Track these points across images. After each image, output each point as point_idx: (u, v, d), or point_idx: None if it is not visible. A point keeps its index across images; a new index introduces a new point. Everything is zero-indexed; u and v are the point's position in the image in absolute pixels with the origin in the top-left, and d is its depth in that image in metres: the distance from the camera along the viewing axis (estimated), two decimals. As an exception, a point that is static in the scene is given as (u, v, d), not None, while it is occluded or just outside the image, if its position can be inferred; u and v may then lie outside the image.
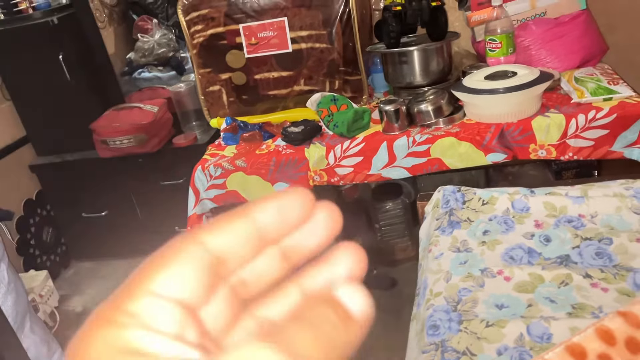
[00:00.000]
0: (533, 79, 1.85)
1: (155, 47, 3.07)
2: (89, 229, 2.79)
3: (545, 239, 1.11)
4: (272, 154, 2.13)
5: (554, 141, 1.87)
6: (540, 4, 2.20)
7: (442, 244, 1.16)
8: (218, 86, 2.40)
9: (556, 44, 2.14)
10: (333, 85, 2.33)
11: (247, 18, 2.26)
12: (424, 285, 1.10)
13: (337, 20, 2.21)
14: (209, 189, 2.19)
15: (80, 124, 2.56)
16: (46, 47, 2.47)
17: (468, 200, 1.27)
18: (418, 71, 2.17)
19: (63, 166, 2.68)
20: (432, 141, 1.96)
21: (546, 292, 0.97)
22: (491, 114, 1.93)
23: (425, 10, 2.08)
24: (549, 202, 1.19)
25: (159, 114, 2.55)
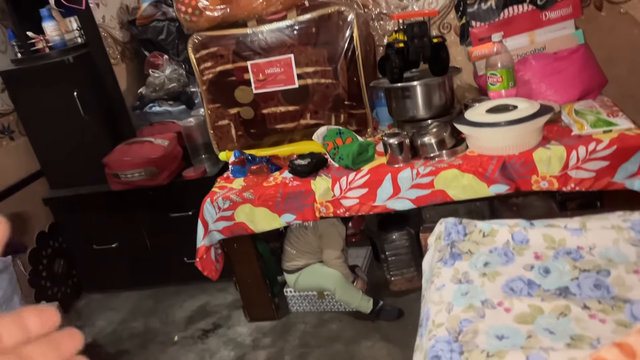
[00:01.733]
0: (533, 112, 1.90)
1: (166, 82, 3.15)
2: (100, 260, 2.84)
3: (545, 271, 1.13)
4: (279, 186, 2.18)
5: (556, 173, 1.91)
6: (539, 39, 2.27)
7: (444, 275, 1.19)
8: (227, 120, 2.47)
9: (556, 78, 2.19)
10: (338, 119, 2.39)
11: (255, 55, 2.34)
12: (426, 316, 1.12)
13: (341, 57, 2.28)
14: (217, 220, 2.23)
15: (92, 158, 2.63)
16: (61, 85, 2.56)
17: (469, 232, 1.31)
18: (421, 105, 2.23)
19: (75, 199, 2.74)
20: (436, 173, 2.00)
21: (545, 323, 0.99)
22: (493, 147, 1.98)
23: (427, 47, 2.15)
24: (548, 234, 1.22)
25: (170, 148, 2.61)
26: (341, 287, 2.27)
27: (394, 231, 2.44)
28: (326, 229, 2.31)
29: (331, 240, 2.30)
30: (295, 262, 2.36)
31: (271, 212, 2.19)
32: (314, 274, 2.33)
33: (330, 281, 2.28)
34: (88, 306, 2.89)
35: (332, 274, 2.29)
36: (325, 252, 2.31)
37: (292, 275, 2.37)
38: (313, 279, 2.34)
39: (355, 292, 2.28)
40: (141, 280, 2.87)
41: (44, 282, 2.75)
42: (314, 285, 2.35)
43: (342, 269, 2.30)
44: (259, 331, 2.39)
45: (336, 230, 2.31)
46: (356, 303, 2.27)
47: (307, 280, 2.35)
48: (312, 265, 2.34)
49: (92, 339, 2.60)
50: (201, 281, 2.76)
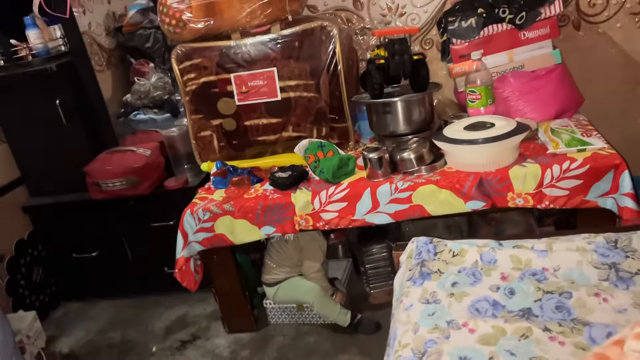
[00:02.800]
0: (510, 130, 1.93)
1: (151, 90, 3.15)
2: (79, 269, 2.82)
3: (510, 292, 1.15)
4: (260, 199, 2.18)
5: (531, 190, 1.94)
6: (517, 57, 2.31)
7: (413, 295, 1.20)
8: (209, 131, 2.48)
9: (533, 96, 2.23)
10: (320, 132, 2.41)
11: (238, 68, 2.36)
12: (393, 336, 1.13)
13: (324, 71, 2.30)
14: (197, 231, 2.23)
15: (74, 166, 2.62)
16: (44, 93, 2.56)
17: (439, 251, 1.32)
18: (401, 120, 2.25)
19: (55, 207, 2.73)
20: (414, 188, 2.03)
21: (507, 345, 1.01)
22: (470, 163, 2.00)
23: (407, 64, 2.18)
24: (515, 255, 1.24)
25: (152, 157, 2.61)
26: (319, 301, 2.28)
27: (373, 244, 2.46)
28: (307, 243, 2.32)
29: (311, 253, 2.31)
30: (274, 275, 2.37)
31: (251, 225, 2.19)
32: (293, 287, 2.34)
33: (308, 294, 2.29)
34: (66, 315, 2.86)
35: (311, 288, 2.30)
36: (305, 265, 2.32)
37: (272, 288, 2.37)
38: (292, 292, 2.34)
39: (333, 306, 2.29)
40: (121, 290, 2.86)
41: (22, 291, 2.73)
42: (293, 299, 2.36)
43: (322, 282, 2.31)
44: (237, 343, 2.39)
45: (317, 244, 2.32)
46: (334, 316, 2.28)
47: (286, 293, 2.35)
48: (291, 278, 2.35)
49: (69, 349, 2.58)
50: (181, 291, 2.74)
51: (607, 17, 2.45)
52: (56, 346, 2.61)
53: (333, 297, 2.33)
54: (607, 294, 1.08)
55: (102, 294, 2.90)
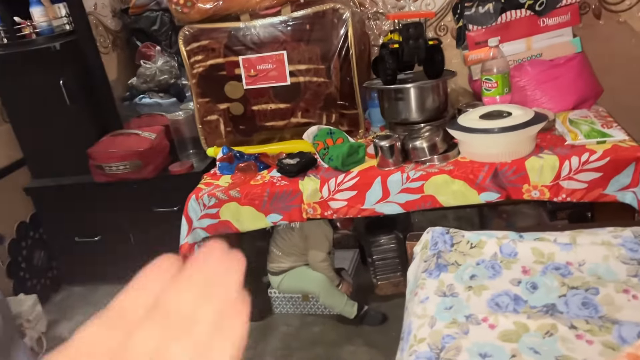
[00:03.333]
0: (527, 120, 1.86)
1: (157, 74, 3.09)
2: (81, 253, 2.78)
3: (532, 286, 1.10)
4: (267, 185, 2.13)
5: (548, 182, 1.87)
6: (536, 45, 2.23)
7: (429, 287, 1.15)
8: (216, 116, 2.42)
9: (551, 86, 2.16)
10: (330, 119, 2.34)
11: (247, 50, 2.29)
12: (408, 329, 1.08)
13: (335, 56, 2.24)
14: (202, 218, 2.18)
15: (77, 148, 2.57)
16: (47, 72, 2.50)
17: (456, 242, 1.27)
18: (414, 108, 2.19)
19: (58, 190, 2.68)
20: (426, 178, 1.96)
21: (530, 342, 0.95)
22: (485, 153, 1.94)
23: (422, 49, 2.11)
24: (537, 248, 1.18)
25: (156, 141, 2.56)
26: (325, 291, 2.23)
27: (381, 235, 2.41)
28: (312, 231, 2.26)
29: (317, 242, 2.26)
30: (280, 263, 2.32)
31: (257, 212, 2.14)
32: (298, 277, 2.29)
33: (314, 285, 2.24)
34: (67, 299, 2.83)
35: (317, 278, 2.25)
36: (310, 254, 2.27)
37: (277, 277, 2.33)
38: (297, 282, 2.29)
39: (339, 297, 2.24)
40: (122, 275, 2.76)
41: (23, 274, 2.69)
42: (298, 289, 2.31)
43: (327, 272, 2.26)
44: (241, 332, 2.34)
45: (322, 232, 2.27)
46: (340, 308, 2.23)
47: (291, 283, 2.30)
48: (297, 268, 2.30)
49: (70, 333, 2.53)
50: (184, 278, 2.72)
51: (629, 6, 2.38)
52: (57, 331, 2.57)
53: (339, 287, 2.28)
54: (637, 291, 1.03)
55: (104, 279, 2.86)
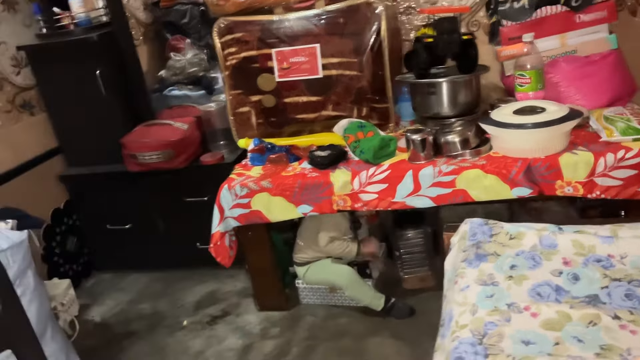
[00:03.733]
0: (562, 116, 1.86)
1: (187, 66, 3.13)
2: (112, 240, 2.84)
3: (574, 277, 1.10)
4: (298, 177, 2.15)
5: (582, 179, 1.87)
6: (570, 42, 2.22)
7: (469, 276, 1.16)
8: (248, 107, 2.45)
9: (585, 82, 2.15)
10: (360, 112, 2.36)
11: (280, 43, 2.32)
12: (449, 316, 1.10)
13: (367, 49, 2.25)
14: (233, 207, 2.22)
15: (111, 137, 2.63)
16: (84, 62, 2.55)
17: (495, 234, 1.28)
18: (446, 102, 2.19)
19: (91, 178, 2.74)
20: (458, 172, 1.97)
21: (574, 331, 0.96)
22: (519, 149, 1.94)
23: (456, 43, 2.11)
24: (578, 240, 1.19)
25: (188, 132, 2.60)
26: (352, 284, 2.24)
27: (409, 229, 2.42)
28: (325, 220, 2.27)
29: (324, 227, 2.26)
30: (303, 254, 2.34)
31: (288, 202, 2.17)
32: (323, 269, 2.31)
33: (341, 278, 2.26)
34: (97, 285, 2.89)
35: (343, 270, 2.26)
36: (319, 237, 2.27)
37: (302, 268, 2.35)
38: (322, 274, 2.31)
39: (366, 290, 2.25)
40: (152, 263, 2.87)
41: (57, 259, 2.76)
42: (324, 280, 2.33)
43: (339, 250, 2.25)
44: (268, 321, 2.38)
45: (333, 220, 2.27)
46: (368, 300, 2.25)
47: (316, 275, 2.32)
48: (321, 260, 2.32)
49: (101, 317, 2.60)
50: (211, 267, 2.75)
51: (666, 3, 2.34)
52: (88, 314, 2.64)
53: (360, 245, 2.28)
54: (680, 284, 1.03)
55: (133, 266, 2.91)
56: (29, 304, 1.90)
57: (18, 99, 2.63)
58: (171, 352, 2.27)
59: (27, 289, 1.94)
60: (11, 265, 1.86)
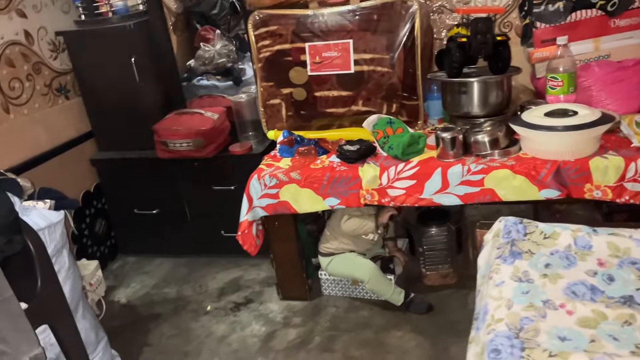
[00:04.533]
0: (595, 120, 1.87)
1: (216, 57, 3.18)
2: (139, 225, 2.90)
3: (609, 278, 1.13)
4: (327, 170, 2.19)
5: (611, 183, 1.88)
6: (604, 46, 2.22)
7: (504, 272, 1.19)
8: (278, 100, 2.49)
9: (617, 87, 2.15)
10: (390, 108, 2.39)
11: (314, 37, 2.35)
12: (484, 310, 1.13)
13: (400, 47, 2.27)
14: (262, 197, 2.26)
15: (142, 124, 2.68)
16: (120, 50, 2.61)
17: (530, 232, 1.30)
18: (476, 102, 2.21)
19: (122, 163, 2.80)
20: (487, 172, 1.99)
21: (609, 329, 0.99)
22: (549, 151, 1.95)
23: (489, 44, 2.13)
24: (613, 242, 1.21)
25: (219, 122, 2.64)
26: (373, 279, 2.28)
27: (433, 226, 2.44)
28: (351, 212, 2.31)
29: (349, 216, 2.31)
30: (328, 244, 2.38)
31: (316, 194, 2.20)
32: (346, 262, 2.35)
33: (362, 271, 2.29)
34: (123, 268, 2.96)
35: (365, 265, 2.30)
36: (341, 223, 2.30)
37: (326, 258, 2.39)
38: (345, 266, 2.35)
39: (387, 285, 2.28)
40: (177, 249, 2.93)
41: (85, 240, 2.83)
42: (346, 273, 2.37)
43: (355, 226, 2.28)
44: (290, 310, 2.42)
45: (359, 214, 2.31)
46: (388, 295, 2.28)
47: (339, 267, 2.36)
48: (346, 253, 2.36)
49: (127, 299, 2.67)
50: (235, 255, 2.82)
51: (702, 11, 2.33)
52: (114, 296, 2.70)
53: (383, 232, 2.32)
54: None
55: (159, 251, 2.97)
56: (64, 282, 1.96)
57: (54, 83, 2.70)
58: (195, 335, 2.33)
59: (62, 267, 2.00)
60: (48, 244, 1.92)
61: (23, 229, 1.68)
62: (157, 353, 2.25)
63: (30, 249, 1.68)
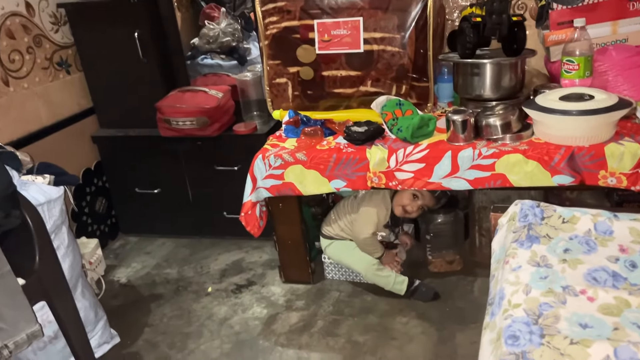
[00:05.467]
0: (611, 105, 1.82)
1: (220, 35, 3.11)
2: (140, 204, 2.85)
3: (631, 265, 1.08)
4: (333, 151, 2.14)
5: (627, 170, 1.83)
6: (622, 30, 2.16)
7: (521, 257, 1.14)
8: (285, 79, 2.43)
9: (635, 73, 2.08)
10: (399, 90, 2.33)
11: (323, 14, 2.28)
12: (500, 295, 1.08)
13: (412, 26, 2.21)
14: (266, 178, 2.21)
15: (145, 101, 2.62)
16: (123, 24, 2.54)
17: (547, 216, 1.26)
18: (489, 84, 2.15)
19: (124, 140, 2.75)
20: (499, 156, 1.94)
21: (633, 317, 0.95)
22: (563, 136, 1.90)
23: (505, 25, 2.06)
24: (635, 228, 1.16)
25: (223, 100, 2.59)
26: (370, 274, 2.25)
27: (441, 212, 2.40)
28: (367, 205, 2.26)
29: (366, 219, 2.25)
30: (330, 228, 2.35)
31: (321, 176, 2.15)
32: (344, 251, 2.31)
33: (359, 265, 2.27)
34: (123, 247, 2.92)
35: (363, 259, 2.26)
36: (355, 227, 2.26)
37: (326, 240, 2.37)
38: (343, 255, 2.32)
39: (386, 278, 2.24)
40: (178, 229, 2.89)
41: (86, 219, 2.79)
42: (344, 262, 2.33)
43: (369, 247, 2.25)
44: (293, 293, 2.39)
45: (376, 212, 2.25)
46: (389, 286, 2.25)
47: (337, 253, 2.33)
48: (346, 240, 2.32)
49: (127, 279, 2.63)
50: (237, 237, 2.78)
51: None
52: (114, 275, 2.67)
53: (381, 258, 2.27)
54: None
55: (160, 231, 2.93)
56: (63, 259, 1.92)
57: (55, 57, 2.63)
58: (197, 316, 2.29)
59: (61, 244, 1.96)
60: (47, 220, 1.88)
61: (21, 203, 1.63)
62: (158, 334, 2.21)
63: (29, 224, 1.64)
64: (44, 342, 1.91)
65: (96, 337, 2.08)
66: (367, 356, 1.97)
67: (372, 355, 1.98)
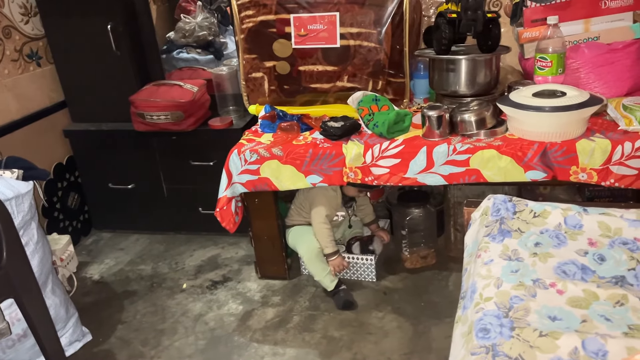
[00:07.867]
0: (583, 101, 1.85)
1: (197, 29, 3.07)
2: (114, 200, 2.80)
3: (600, 258, 1.10)
4: (310, 146, 2.13)
5: (597, 166, 1.86)
6: (594, 28, 2.19)
7: (493, 250, 1.16)
8: (261, 73, 2.41)
9: (606, 70, 2.12)
10: (376, 85, 2.33)
11: (299, 9, 2.27)
12: (472, 289, 1.09)
13: (388, 22, 2.21)
14: (242, 173, 2.19)
15: (119, 95, 2.58)
16: (96, 15, 2.48)
17: (519, 211, 1.27)
18: (464, 81, 2.17)
19: (96, 134, 2.69)
20: (473, 151, 1.96)
21: (601, 310, 0.96)
22: (536, 132, 1.92)
23: (480, 21, 2.08)
24: (604, 222, 1.18)
25: (198, 94, 2.55)
26: (309, 259, 2.26)
27: (413, 207, 2.41)
28: (316, 192, 2.27)
29: (318, 203, 2.26)
30: (291, 218, 2.38)
31: (297, 171, 2.14)
32: (297, 234, 2.34)
33: (303, 248, 2.29)
34: (96, 244, 2.87)
35: (307, 242, 2.27)
36: (312, 213, 2.27)
37: (288, 230, 2.39)
38: (294, 238, 2.35)
39: (321, 268, 2.24)
40: (153, 225, 2.85)
41: (57, 214, 2.73)
42: (293, 245, 2.36)
43: (323, 236, 2.24)
44: (269, 289, 2.38)
45: (324, 195, 2.26)
46: (320, 277, 2.25)
47: (291, 238, 2.37)
48: (302, 225, 2.33)
49: (100, 275, 2.59)
50: (213, 233, 2.75)
51: (692, -4, 2.31)
52: (86, 272, 2.62)
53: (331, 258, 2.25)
54: None
55: (134, 227, 2.89)
56: (31, 256, 1.88)
57: (25, 49, 2.56)
58: (171, 313, 2.26)
59: (30, 240, 1.92)
60: (16, 215, 1.83)
61: (-12, 198, 1.59)
62: (131, 331, 2.18)
63: (-4, 219, 1.59)
64: (13, 340, 1.87)
65: (67, 335, 2.04)
66: (343, 351, 1.98)
67: (348, 350, 1.98)
